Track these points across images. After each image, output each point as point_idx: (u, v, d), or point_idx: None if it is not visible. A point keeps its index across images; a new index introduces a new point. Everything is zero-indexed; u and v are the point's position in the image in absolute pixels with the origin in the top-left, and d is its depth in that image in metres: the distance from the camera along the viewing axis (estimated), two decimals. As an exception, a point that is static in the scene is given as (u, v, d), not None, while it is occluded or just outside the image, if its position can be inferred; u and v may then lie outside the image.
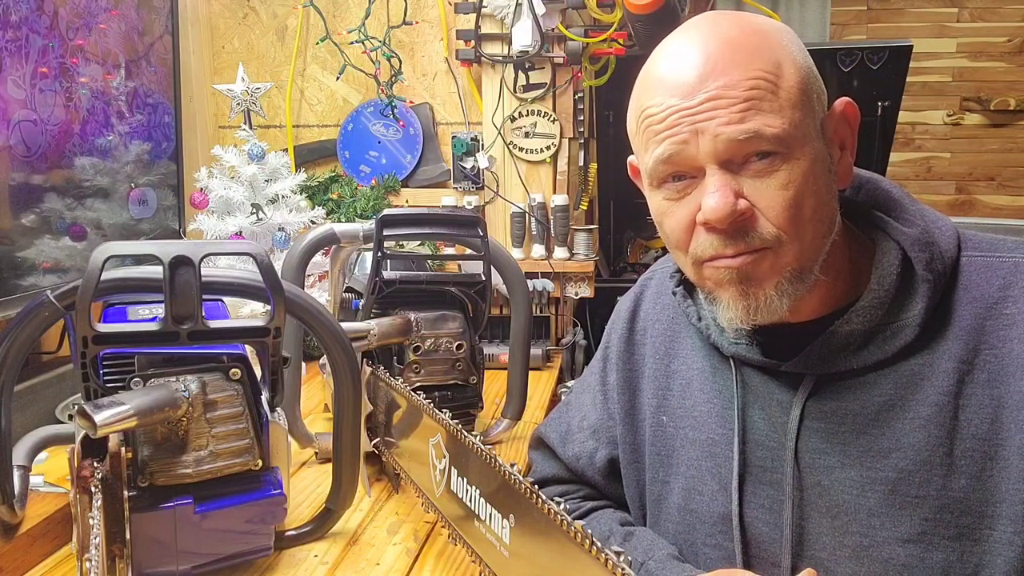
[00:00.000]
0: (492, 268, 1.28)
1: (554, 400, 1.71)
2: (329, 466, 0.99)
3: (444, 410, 0.89)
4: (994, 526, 0.69)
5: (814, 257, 0.72)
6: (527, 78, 1.97)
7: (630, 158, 0.84)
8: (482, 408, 1.30)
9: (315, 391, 1.58)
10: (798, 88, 0.70)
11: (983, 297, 0.73)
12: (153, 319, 0.83)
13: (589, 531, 0.60)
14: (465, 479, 0.82)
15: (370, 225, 1.24)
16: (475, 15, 1.94)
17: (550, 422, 1.04)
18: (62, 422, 1.29)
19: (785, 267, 0.71)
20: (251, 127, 1.79)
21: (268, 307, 0.85)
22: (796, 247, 0.71)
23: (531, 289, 1.85)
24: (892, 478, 0.72)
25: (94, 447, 0.78)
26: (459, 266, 1.83)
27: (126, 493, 0.77)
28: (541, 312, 2.00)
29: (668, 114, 0.71)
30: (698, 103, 0.69)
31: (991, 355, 0.71)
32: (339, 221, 1.98)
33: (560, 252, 2.00)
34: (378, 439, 1.14)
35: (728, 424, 0.82)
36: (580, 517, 0.94)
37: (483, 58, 1.97)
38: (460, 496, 0.83)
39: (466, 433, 0.82)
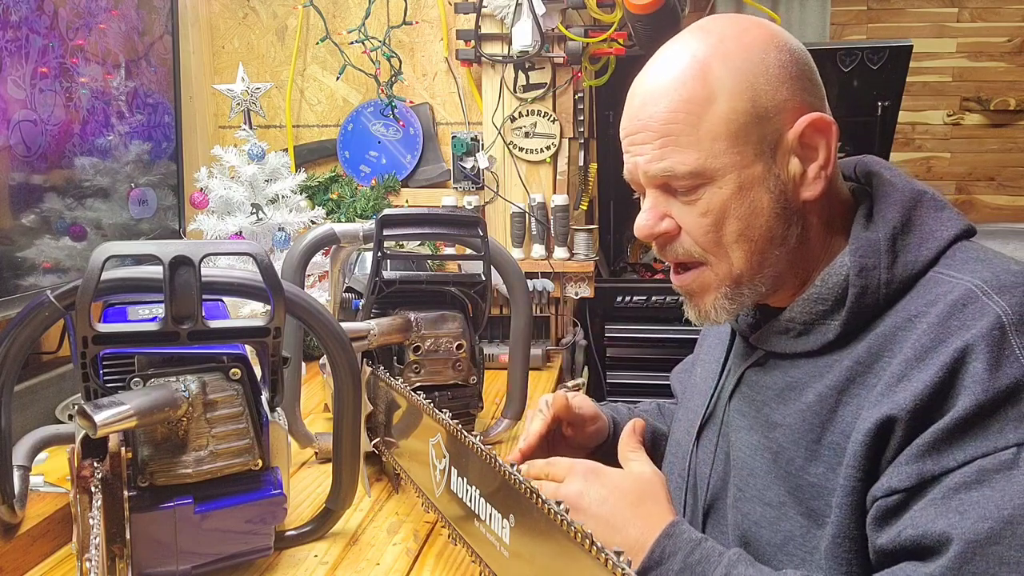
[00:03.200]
0: (492, 268, 1.28)
1: (554, 400, 1.71)
2: (329, 466, 0.99)
3: (444, 410, 0.89)
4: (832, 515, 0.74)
5: (752, 271, 0.79)
6: (527, 78, 1.97)
7: None
8: (482, 408, 1.30)
9: (315, 391, 1.58)
10: (725, 120, 0.74)
11: (908, 310, 0.74)
12: (153, 319, 0.83)
13: (589, 531, 0.60)
14: (465, 479, 0.82)
15: (370, 225, 1.24)
16: (475, 15, 1.94)
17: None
18: (62, 422, 1.29)
19: (720, 284, 0.80)
20: (251, 127, 1.79)
21: (268, 307, 0.85)
22: (724, 266, 0.79)
23: (531, 289, 1.86)
24: (773, 449, 0.80)
25: (94, 447, 0.78)
26: (459, 266, 1.83)
27: (126, 493, 0.77)
28: (541, 312, 2.00)
29: (623, 136, 0.81)
30: (635, 131, 0.78)
31: (886, 363, 0.73)
32: (339, 221, 1.98)
33: (560, 252, 2.00)
34: (378, 439, 1.14)
35: (712, 377, 0.93)
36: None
37: (483, 58, 1.97)
38: (460, 496, 0.83)
39: (466, 433, 0.82)
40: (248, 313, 1.43)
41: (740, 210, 0.76)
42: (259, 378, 0.90)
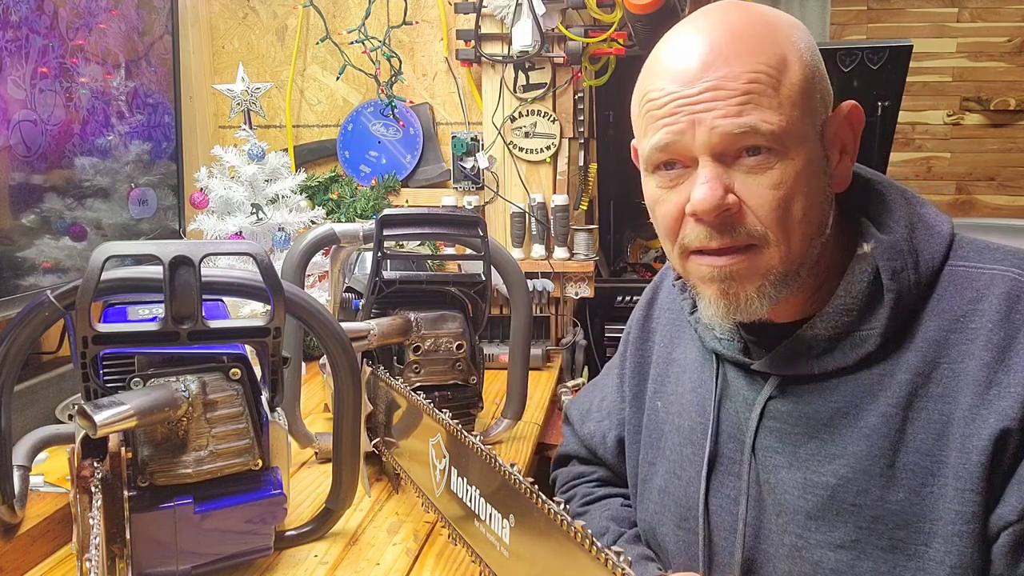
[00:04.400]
0: (492, 268, 1.28)
1: (554, 400, 1.71)
2: (329, 466, 0.99)
3: (444, 410, 0.89)
4: (929, 543, 0.68)
5: (800, 260, 0.72)
6: (527, 78, 1.97)
7: (633, 142, 0.84)
8: (482, 408, 1.30)
9: (315, 391, 1.58)
10: (800, 87, 0.69)
11: (952, 309, 0.71)
12: (153, 319, 0.83)
13: (589, 531, 0.60)
14: (465, 479, 0.82)
15: (370, 225, 1.24)
16: (475, 15, 1.94)
17: (577, 399, 1.10)
18: (62, 422, 1.29)
19: (770, 270, 0.72)
20: (251, 127, 1.79)
21: (268, 307, 0.85)
22: (783, 249, 0.71)
23: (531, 289, 1.86)
24: (832, 483, 0.72)
25: (94, 447, 0.78)
26: (459, 266, 1.83)
27: (126, 493, 0.77)
28: (541, 312, 2.00)
29: (667, 101, 0.71)
30: (697, 92, 0.69)
31: (949, 370, 0.69)
32: (339, 221, 1.98)
33: (560, 252, 2.00)
34: (378, 439, 1.14)
35: (706, 414, 0.83)
36: (590, 503, 0.98)
37: (483, 58, 1.97)
38: (460, 496, 0.83)
39: (466, 433, 0.82)
40: (248, 313, 1.43)
41: (807, 187, 0.70)
42: (259, 378, 0.90)
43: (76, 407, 0.73)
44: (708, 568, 0.80)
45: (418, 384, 1.20)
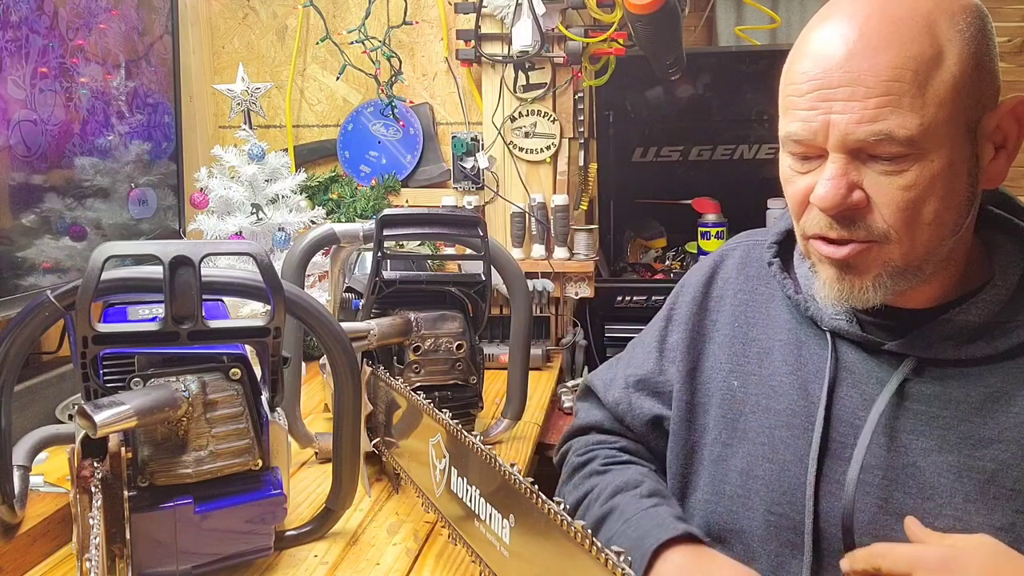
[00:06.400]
0: (492, 268, 1.28)
1: (554, 400, 1.71)
2: (329, 466, 0.99)
3: (444, 410, 0.89)
4: None
5: (925, 257, 0.72)
6: (527, 78, 1.97)
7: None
8: (482, 408, 1.30)
9: (315, 391, 1.58)
10: (952, 84, 0.66)
11: None
12: (153, 319, 0.83)
13: (589, 531, 0.60)
14: (465, 479, 0.82)
15: (370, 225, 1.24)
16: (475, 15, 1.94)
17: (598, 372, 1.06)
18: (62, 422, 1.29)
19: (889, 263, 0.71)
20: (251, 127, 1.79)
21: (268, 307, 0.85)
22: (905, 247, 0.70)
23: (531, 289, 1.86)
24: (991, 468, 0.72)
25: (94, 447, 0.78)
26: (459, 266, 1.83)
27: (126, 493, 0.77)
28: (541, 312, 2.00)
29: (808, 90, 0.69)
30: (836, 83, 0.67)
31: None
32: (339, 221, 1.98)
33: (560, 252, 2.00)
34: (378, 439, 1.14)
35: (812, 397, 0.81)
36: (614, 464, 0.94)
37: (483, 58, 1.97)
38: (460, 496, 0.83)
39: (466, 433, 0.82)
40: (248, 313, 1.43)
41: (943, 190, 0.68)
42: (259, 378, 0.90)
43: (76, 407, 0.73)
44: (813, 553, 0.78)
45: (418, 384, 1.20)
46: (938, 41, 0.67)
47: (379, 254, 1.21)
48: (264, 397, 0.89)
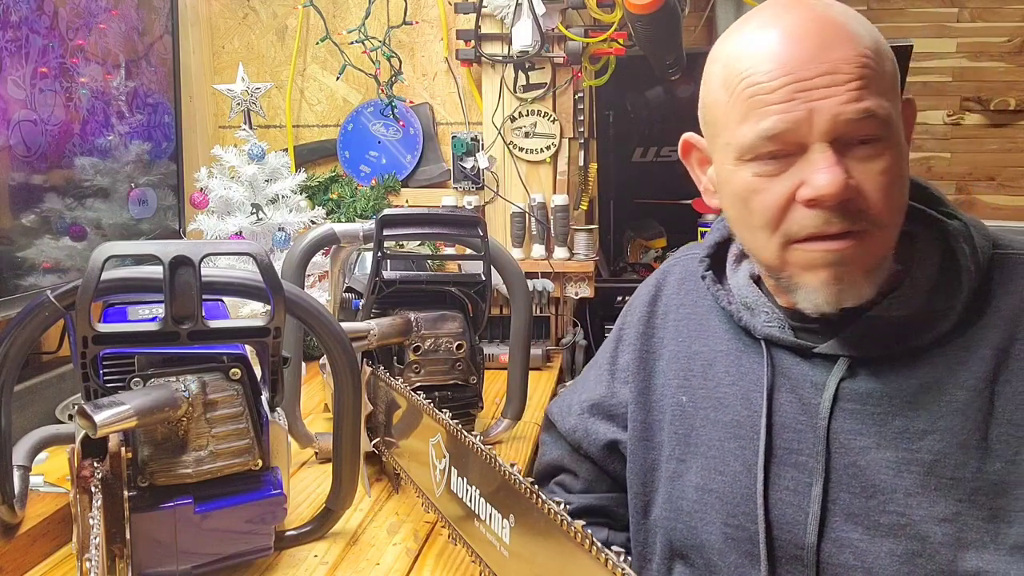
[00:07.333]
0: (492, 268, 1.28)
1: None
2: (329, 466, 0.99)
3: (444, 410, 0.89)
4: None
5: (892, 246, 0.75)
6: (527, 78, 1.97)
7: (686, 136, 0.83)
8: (482, 408, 1.30)
9: (315, 391, 1.58)
10: (893, 72, 0.71)
11: (1019, 291, 0.74)
12: (153, 319, 0.83)
13: (589, 531, 0.60)
14: (465, 479, 0.82)
15: (370, 225, 1.24)
16: (475, 15, 1.94)
17: (557, 399, 1.08)
18: (62, 422, 1.29)
19: (876, 253, 0.73)
20: (251, 127, 1.79)
21: (268, 307, 0.85)
22: (888, 233, 0.73)
23: (531, 289, 1.85)
24: (928, 460, 0.72)
25: (94, 447, 0.78)
26: (459, 266, 1.83)
27: (126, 493, 0.77)
28: (541, 312, 2.00)
29: (781, 84, 0.69)
30: (814, 75, 0.68)
31: None
32: (339, 221, 1.98)
33: (560, 252, 2.00)
34: (378, 439, 1.14)
35: (754, 406, 0.81)
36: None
37: (483, 58, 1.97)
38: (460, 496, 0.83)
39: (466, 433, 0.82)
40: (248, 313, 1.43)
41: (903, 173, 0.72)
42: (259, 378, 0.90)
43: (76, 407, 0.73)
44: (769, 562, 0.78)
45: (418, 384, 1.20)
46: (875, 34, 0.72)
47: (379, 254, 1.21)
48: (264, 397, 0.89)
